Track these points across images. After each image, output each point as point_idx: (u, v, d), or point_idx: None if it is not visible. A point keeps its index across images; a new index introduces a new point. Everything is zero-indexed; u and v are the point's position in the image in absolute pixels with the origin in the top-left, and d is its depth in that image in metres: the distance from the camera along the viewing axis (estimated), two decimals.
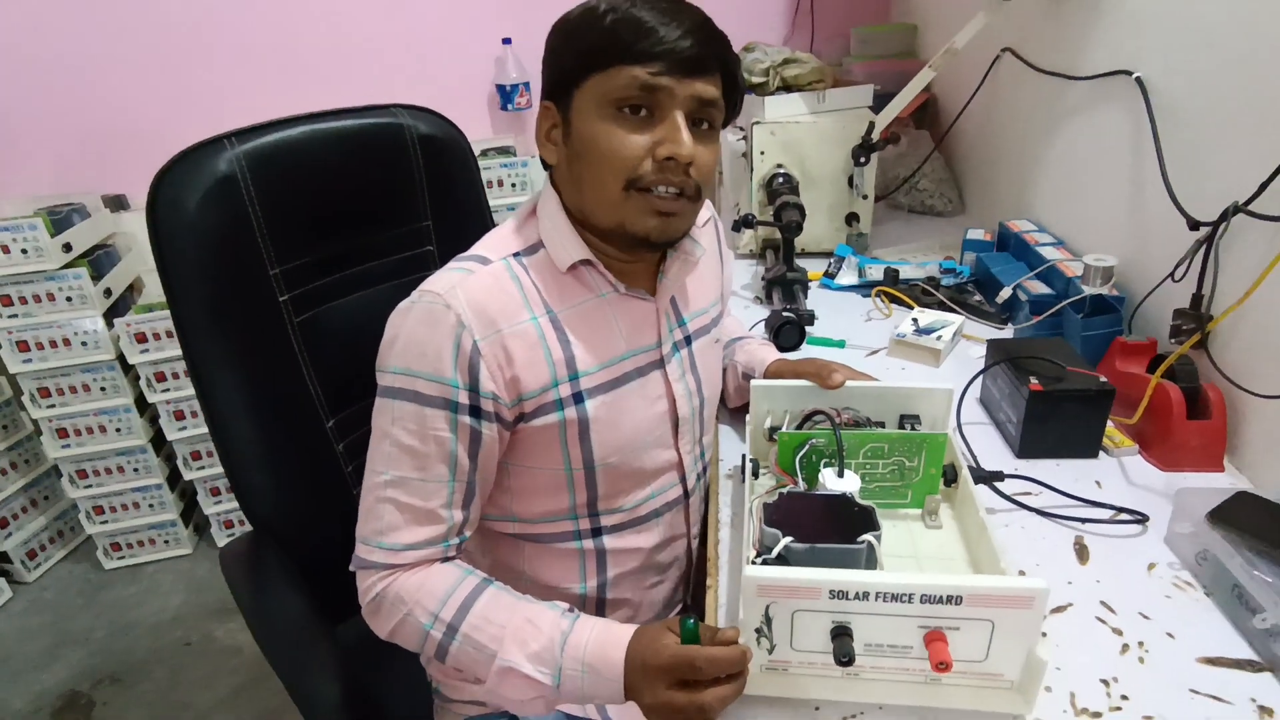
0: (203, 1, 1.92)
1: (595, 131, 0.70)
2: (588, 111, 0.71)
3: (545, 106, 0.76)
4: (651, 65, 0.67)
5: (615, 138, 0.69)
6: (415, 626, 0.73)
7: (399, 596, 0.74)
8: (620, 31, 0.68)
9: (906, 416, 0.86)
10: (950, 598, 0.57)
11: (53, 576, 2.05)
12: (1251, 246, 0.86)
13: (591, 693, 0.68)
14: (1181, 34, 1.01)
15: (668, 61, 0.67)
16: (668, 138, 0.69)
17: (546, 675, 0.68)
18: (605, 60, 0.68)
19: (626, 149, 0.69)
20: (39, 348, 1.78)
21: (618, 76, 0.68)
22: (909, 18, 2.09)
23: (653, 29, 0.67)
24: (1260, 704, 0.62)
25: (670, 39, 0.67)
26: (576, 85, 0.71)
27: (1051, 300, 1.16)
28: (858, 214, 1.55)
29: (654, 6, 0.68)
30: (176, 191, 0.90)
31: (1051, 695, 0.63)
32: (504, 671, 0.69)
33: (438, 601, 0.72)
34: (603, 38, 0.68)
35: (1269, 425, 0.86)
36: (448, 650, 0.72)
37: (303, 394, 1.02)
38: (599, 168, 0.71)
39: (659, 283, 0.81)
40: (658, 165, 0.70)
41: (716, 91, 0.71)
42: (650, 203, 0.71)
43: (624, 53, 0.67)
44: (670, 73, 0.68)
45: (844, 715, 0.62)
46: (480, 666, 0.71)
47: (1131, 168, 1.11)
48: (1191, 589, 0.73)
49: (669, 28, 0.67)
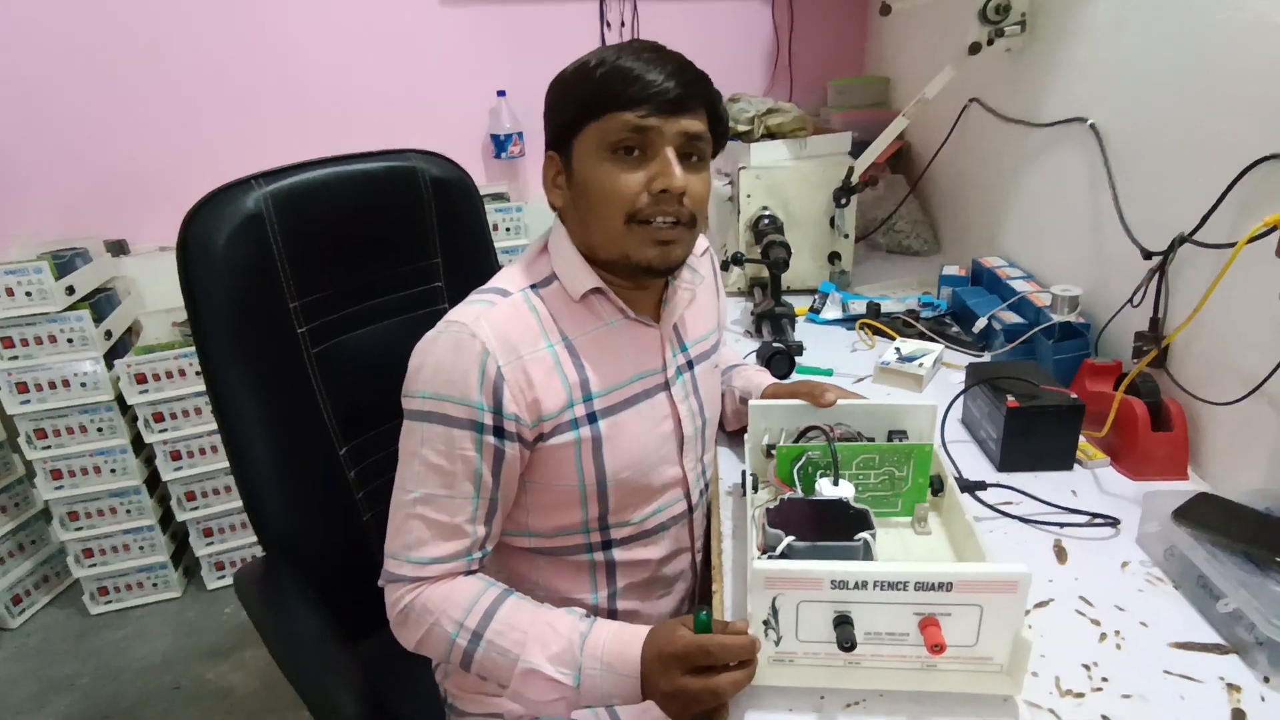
0: (206, 54, 2.00)
1: (595, 173, 0.77)
2: (588, 156, 0.78)
3: (550, 156, 0.82)
4: (640, 109, 0.74)
5: (613, 177, 0.76)
6: (442, 635, 0.76)
7: (425, 608, 0.78)
8: (610, 81, 0.75)
9: (894, 432, 0.92)
10: (941, 584, 0.62)
11: (37, 622, 2.02)
12: (1198, 272, 0.95)
13: (610, 691, 0.72)
14: (1128, 84, 1.12)
15: (654, 104, 0.74)
16: (660, 172, 0.76)
17: (567, 675, 0.72)
18: (599, 109, 0.76)
19: (624, 186, 0.76)
20: (38, 389, 1.80)
21: (611, 122, 0.75)
22: (881, 71, 2.23)
23: (638, 76, 0.74)
24: (1228, 682, 0.67)
25: (655, 83, 0.74)
26: (576, 134, 0.78)
27: (1024, 328, 1.24)
28: (840, 253, 1.63)
29: (639, 56, 0.76)
30: (207, 228, 0.95)
31: (1038, 679, 0.68)
32: (526, 674, 0.73)
33: (462, 611, 0.76)
34: (595, 89, 0.76)
35: (1225, 433, 0.93)
36: (473, 657, 0.75)
37: (317, 422, 1.06)
38: (601, 205, 0.78)
39: (662, 310, 0.87)
40: (653, 198, 0.76)
41: (702, 126, 0.78)
42: (650, 233, 0.78)
43: (614, 100, 0.75)
44: (657, 113, 0.74)
45: (847, 702, 0.67)
46: (503, 671, 0.74)
47: (1090, 205, 1.21)
48: (1162, 583, 0.79)
49: (653, 73, 0.74)
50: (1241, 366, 0.88)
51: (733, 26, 2.27)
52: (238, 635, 1.93)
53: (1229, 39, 0.91)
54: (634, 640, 0.72)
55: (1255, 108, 0.87)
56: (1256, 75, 0.87)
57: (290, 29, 2.04)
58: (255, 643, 1.89)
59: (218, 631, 1.95)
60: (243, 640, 1.92)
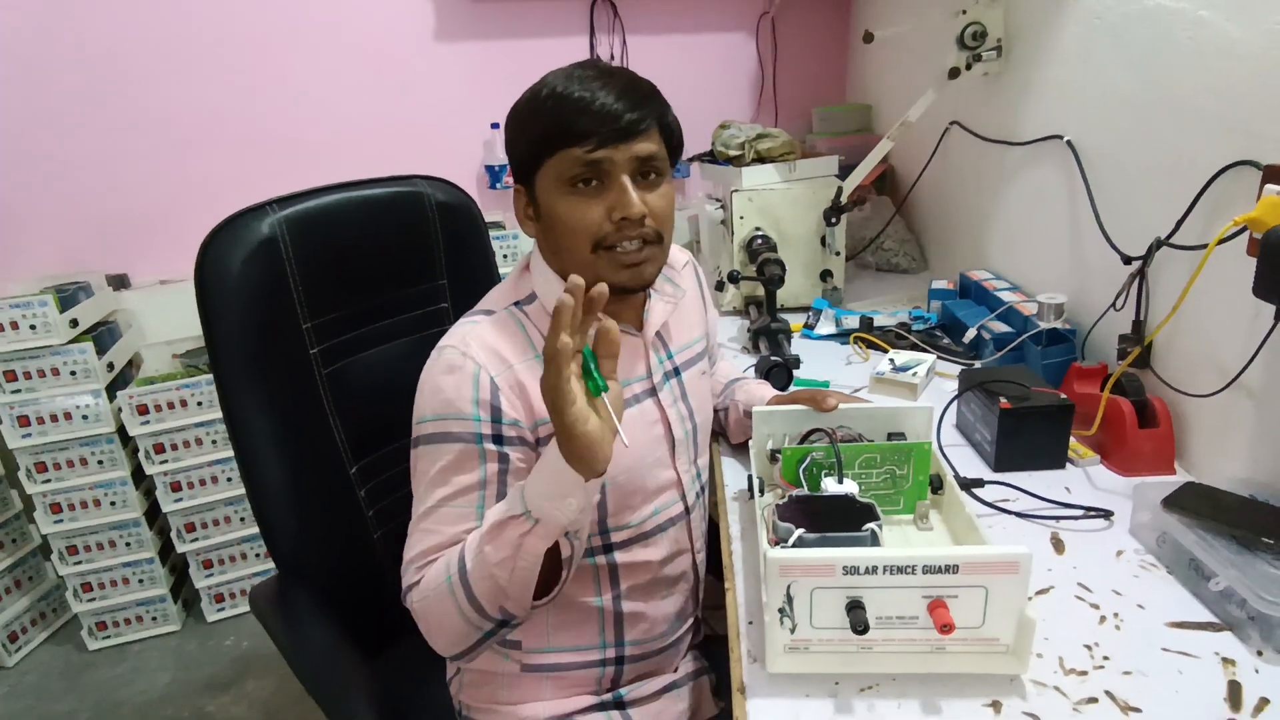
0: (202, 92, 2.04)
1: (558, 207, 0.81)
2: (549, 190, 0.81)
3: (517, 190, 0.86)
4: (588, 143, 0.77)
5: (575, 210, 0.80)
6: (443, 595, 0.76)
7: (421, 590, 0.79)
8: (558, 116, 0.77)
9: (893, 434, 0.95)
10: (948, 567, 0.65)
11: (34, 660, 2.00)
12: (1175, 274, 1.00)
13: (547, 484, 0.71)
14: (1101, 100, 1.18)
15: (601, 135, 0.76)
16: (617, 202, 0.79)
17: (517, 507, 0.72)
18: (550, 146, 0.79)
19: (586, 218, 0.79)
20: (39, 422, 1.81)
21: (564, 159, 0.79)
22: (864, 98, 2.31)
23: (585, 107, 0.76)
24: (1223, 656, 0.70)
25: (603, 110, 0.76)
26: (535, 170, 0.82)
27: (1012, 337, 1.28)
28: (831, 270, 1.68)
29: (585, 83, 0.78)
30: (224, 251, 0.98)
31: (1042, 660, 0.71)
32: (490, 536, 0.72)
33: (442, 564, 0.77)
34: (545, 124, 0.78)
35: (1207, 427, 0.97)
36: (469, 583, 0.74)
37: (329, 441, 1.09)
38: (568, 237, 0.81)
39: (644, 319, 0.91)
40: (615, 226, 0.80)
41: (655, 146, 0.80)
42: (617, 259, 0.81)
43: (564, 136, 0.78)
44: (606, 144, 0.77)
45: (861, 687, 0.69)
46: (484, 565, 0.73)
47: (1069, 216, 1.26)
48: (1155, 568, 0.82)
49: (600, 99, 0.76)
50: (1220, 361, 0.93)
51: (719, 58, 2.35)
52: (239, 667, 1.92)
53: (1192, 55, 0.97)
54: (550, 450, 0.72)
55: (1219, 119, 0.93)
56: (1219, 88, 0.93)
57: (286, 65, 2.09)
58: (257, 674, 1.89)
59: (218, 664, 1.94)
60: (244, 672, 1.90)
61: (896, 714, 0.66)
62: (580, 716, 0.90)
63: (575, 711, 0.90)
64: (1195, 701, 0.65)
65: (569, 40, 2.26)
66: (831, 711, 0.67)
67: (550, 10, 2.22)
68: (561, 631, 0.90)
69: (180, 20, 1.99)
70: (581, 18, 2.25)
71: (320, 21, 2.09)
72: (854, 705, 0.67)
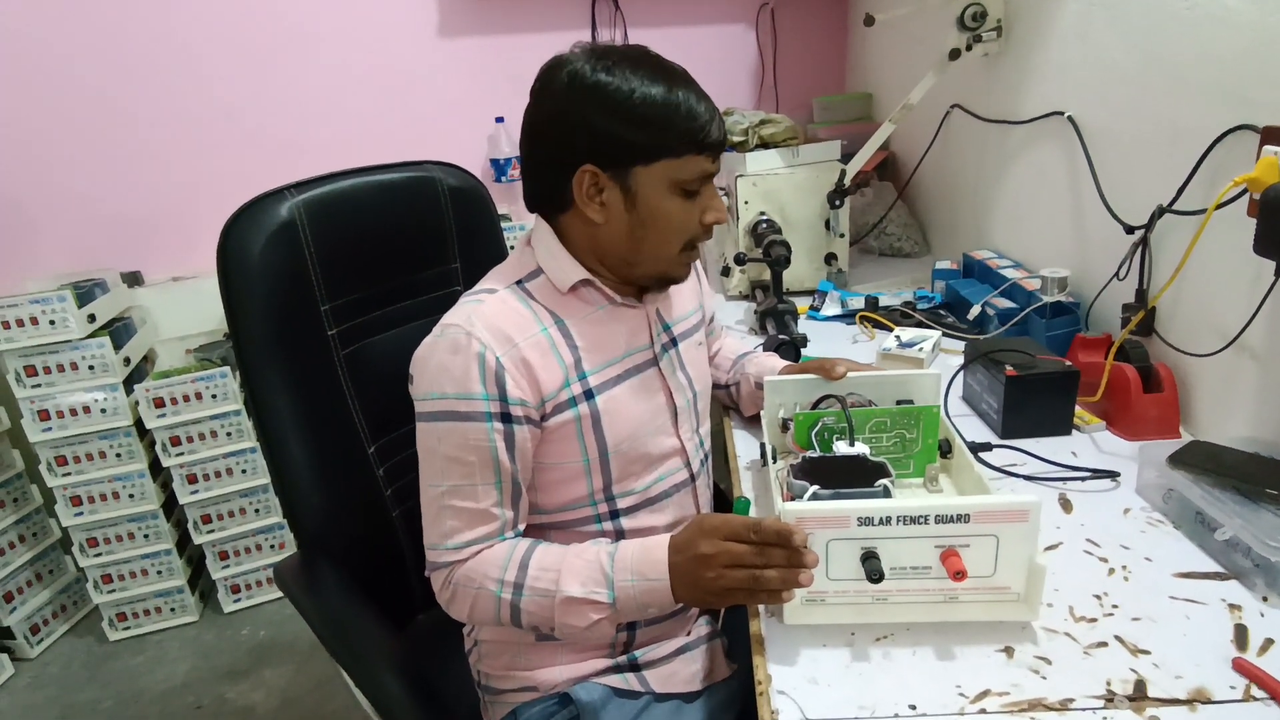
0: (211, 91, 2.08)
1: (667, 208, 0.84)
2: (657, 188, 0.83)
3: (591, 171, 0.82)
4: (709, 154, 0.83)
5: (683, 212, 0.85)
6: (488, 597, 0.81)
7: (467, 578, 0.82)
8: (689, 123, 0.80)
9: (902, 401, 0.98)
10: (959, 516, 0.67)
11: (55, 651, 2.03)
12: (1177, 239, 1.02)
13: (646, 599, 0.77)
14: (1099, 75, 1.20)
15: (714, 149, 0.83)
16: (710, 207, 0.86)
17: (602, 594, 0.77)
18: (678, 150, 0.82)
19: (691, 221, 0.86)
20: (59, 416, 1.84)
21: (689, 164, 0.82)
22: (864, 87, 2.33)
23: (706, 122, 0.81)
24: (1230, 603, 0.72)
25: (711, 130, 0.82)
26: (643, 162, 0.81)
27: (1016, 312, 1.30)
28: (836, 254, 1.70)
29: (697, 94, 0.82)
30: (244, 235, 1.00)
31: (1054, 609, 0.73)
32: (565, 604, 0.78)
33: (500, 569, 0.81)
34: (676, 128, 0.80)
35: (1211, 390, 0.99)
36: (519, 608, 0.80)
37: (348, 421, 1.11)
38: (666, 233, 0.85)
39: (645, 295, 0.94)
40: (705, 229, 0.87)
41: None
42: (691, 256, 0.89)
43: (692, 144, 0.82)
44: (715, 156, 0.84)
45: (876, 636, 0.71)
46: (546, 610, 0.79)
47: (1071, 190, 1.28)
48: (1162, 524, 0.84)
49: (709, 115, 0.82)
50: (1222, 323, 0.95)
51: (719, 49, 2.37)
52: (256, 655, 1.95)
53: (1190, 26, 0.99)
54: (658, 545, 0.78)
55: (1217, 87, 0.95)
56: (1217, 57, 0.95)
57: (292, 64, 2.12)
58: (274, 662, 1.91)
59: (236, 653, 1.97)
60: (261, 660, 1.93)
61: (911, 661, 0.68)
62: (596, 678, 0.92)
63: (591, 674, 0.92)
64: (1202, 643, 0.67)
65: (571, 34, 2.25)
66: (848, 659, 0.69)
67: (552, 4, 2.25)
68: None
69: (189, 20, 2.02)
70: (583, 12, 2.27)
71: (326, 20, 2.12)
72: (870, 654, 0.69)
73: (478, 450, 0.82)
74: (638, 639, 0.95)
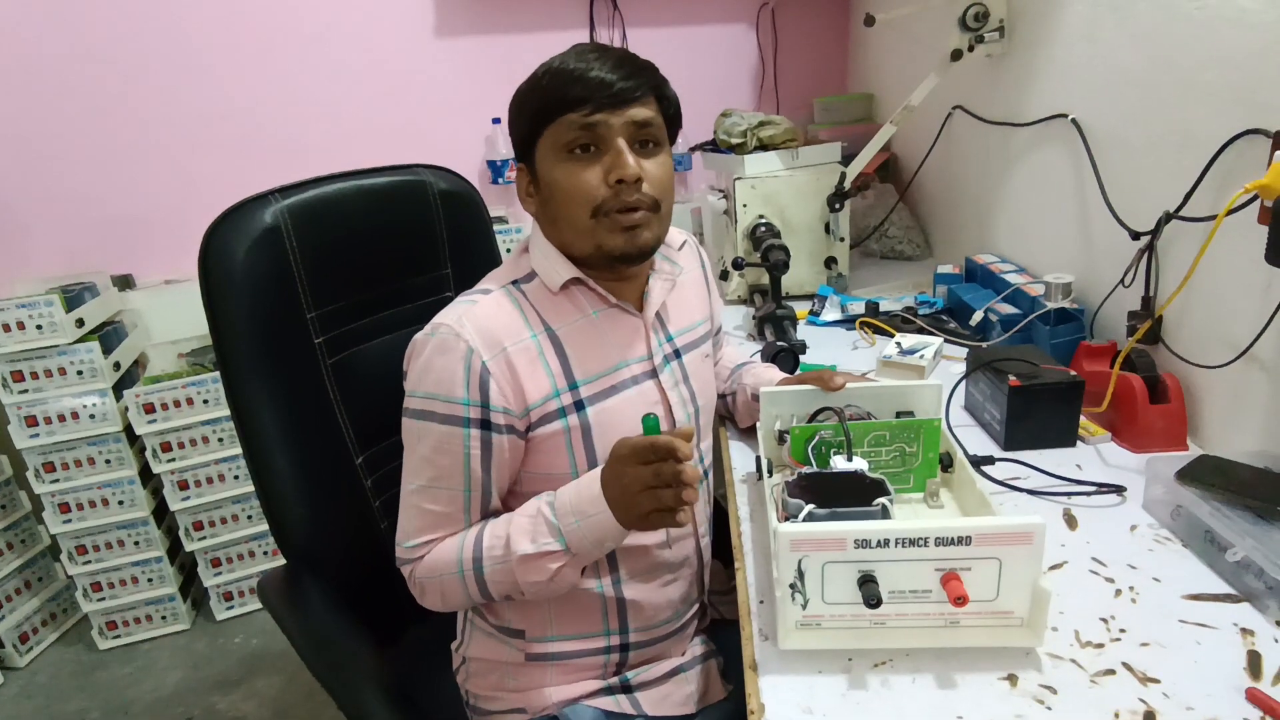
0: (205, 93, 2.05)
1: (555, 174, 0.81)
2: (546, 160, 0.82)
3: (519, 169, 0.87)
4: (584, 107, 0.78)
5: (572, 175, 0.80)
6: (452, 581, 0.82)
7: (429, 568, 0.83)
8: (556, 86, 0.79)
9: (901, 412, 0.95)
10: (960, 539, 0.65)
11: (45, 660, 2.00)
12: (1185, 247, 0.99)
13: (595, 535, 0.77)
14: (1105, 77, 1.17)
15: (598, 100, 0.78)
16: (614, 164, 0.79)
17: (553, 543, 0.77)
18: (548, 115, 0.80)
19: (584, 182, 0.80)
20: (46, 422, 1.81)
21: (561, 125, 0.79)
22: (865, 88, 2.30)
23: (580, 76, 0.78)
24: (1242, 627, 0.69)
25: (596, 79, 0.78)
26: (534, 143, 0.83)
27: (1020, 318, 1.27)
28: (836, 257, 1.68)
29: (582, 57, 0.80)
30: (227, 240, 0.98)
31: (1058, 634, 0.70)
32: (522, 561, 0.77)
33: (455, 551, 0.82)
34: (543, 96, 0.80)
35: (1219, 402, 0.97)
36: (484, 580, 0.80)
37: (335, 431, 1.08)
38: (567, 204, 0.82)
39: (644, 300, 0.91)
40: (613, 190, 0.80)
41: (651, 112, 0.81)
42: (615, 222, 0.81)
43: (561, 104, 0.79)
44: (602, 109, 0.78)
45: (874, 663, 0.68)
46: (508, 574, 0.79)
47: (1076, 195, 1.25)
48: (1170, 542, 0.81)
49: (595, 70, 0.78)
50: (1232, 333, 0.92)
51: (720, 49, 2.34)
52: (248, 665, 1.92)
53: (1200, 26, 0.96)
54: (592, 479, 0.78)
55: (1228, 90, 0.92)
56: (1228, 59, 0.92)
57: (286, 64, 2.09)
58: (266, 672, 1.89)
59: (227, 662, 1.94)
60: (254, 669, 1.90)
61: (911, 689, 0.65)
62: (587, 700, 0.89)
63: (582, 696, 0.89)
64: (1215, 672, 0.65)
65: (569, 34, 2.25)
66: (845, 687, 0.66)
67: (550, 4, 2.22)
68: (563, 620, 0.90)
69: (181, 20, 1.99)
70: (581, 11, 2.24)
71: (320, 19, 2.09)
72: (868, 681, 0.67)
73: (451, 455, 0.81)
74: (630, 660, 0.92)
